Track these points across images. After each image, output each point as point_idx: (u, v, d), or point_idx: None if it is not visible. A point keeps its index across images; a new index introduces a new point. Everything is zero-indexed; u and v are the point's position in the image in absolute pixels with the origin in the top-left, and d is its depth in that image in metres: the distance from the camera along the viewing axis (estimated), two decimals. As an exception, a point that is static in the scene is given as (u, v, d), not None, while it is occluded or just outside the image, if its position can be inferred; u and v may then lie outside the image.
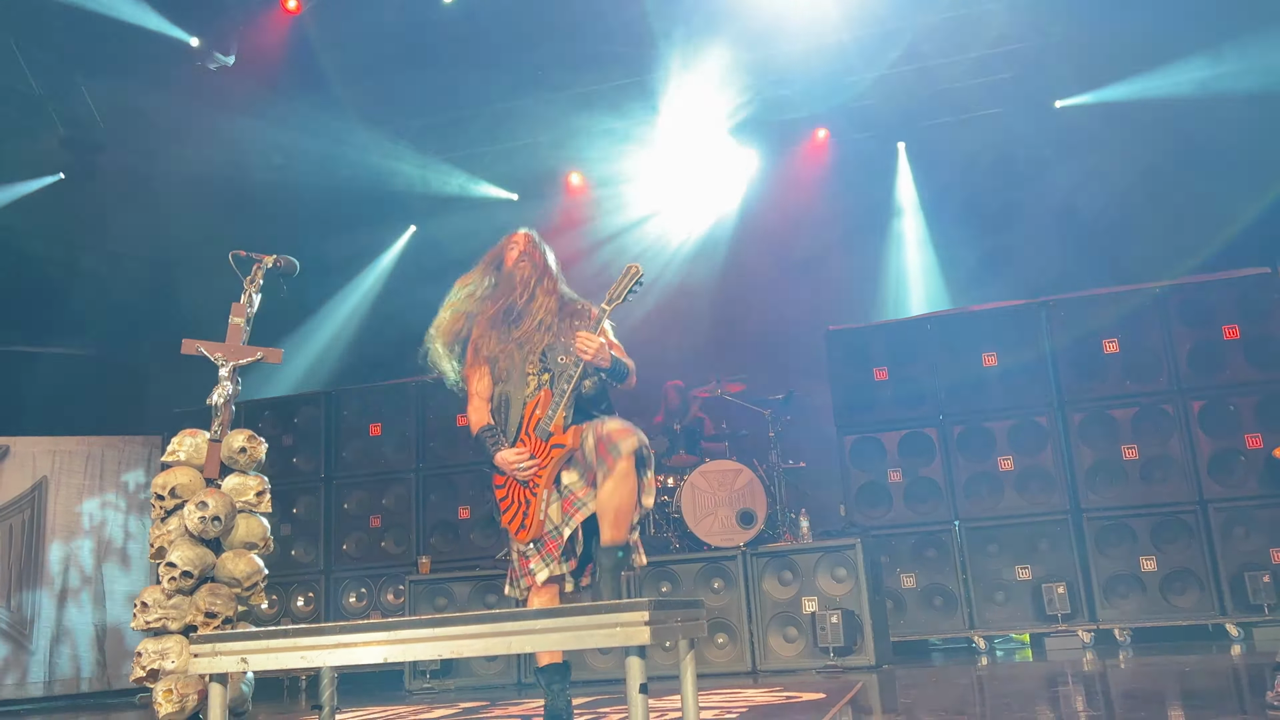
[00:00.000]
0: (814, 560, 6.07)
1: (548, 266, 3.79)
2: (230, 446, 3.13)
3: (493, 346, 3.67)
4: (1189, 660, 5.14)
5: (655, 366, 10.01)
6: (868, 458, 7.16)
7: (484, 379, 3.71)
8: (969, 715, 3.59)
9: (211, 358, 3.16)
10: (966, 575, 6.74)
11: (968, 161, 9.61)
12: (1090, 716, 3.42)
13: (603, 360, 3.53)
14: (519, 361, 3.66)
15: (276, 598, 7.68)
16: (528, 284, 3.71)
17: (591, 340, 3.50)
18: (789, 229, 10.02)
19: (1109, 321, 6.87)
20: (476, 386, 3.74)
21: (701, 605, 2.89)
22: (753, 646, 6.04)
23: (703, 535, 6.70)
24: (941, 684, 4.73)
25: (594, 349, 3.49)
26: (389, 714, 4.93)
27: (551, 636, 2.48)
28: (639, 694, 2.36)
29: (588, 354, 3.48)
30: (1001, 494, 6.83)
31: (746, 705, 4.24)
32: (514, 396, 3.65)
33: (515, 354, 3.67)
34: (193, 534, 2.99)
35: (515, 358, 3.66)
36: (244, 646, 2.70)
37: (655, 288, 10.36)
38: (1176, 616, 6.32)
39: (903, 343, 7.28)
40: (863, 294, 9.60)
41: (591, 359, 3.49)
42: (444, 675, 6.41)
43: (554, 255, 3.85)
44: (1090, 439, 6.75)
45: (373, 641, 2.59)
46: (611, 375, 3.63)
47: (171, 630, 2.94)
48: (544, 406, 3.56)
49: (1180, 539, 6.43)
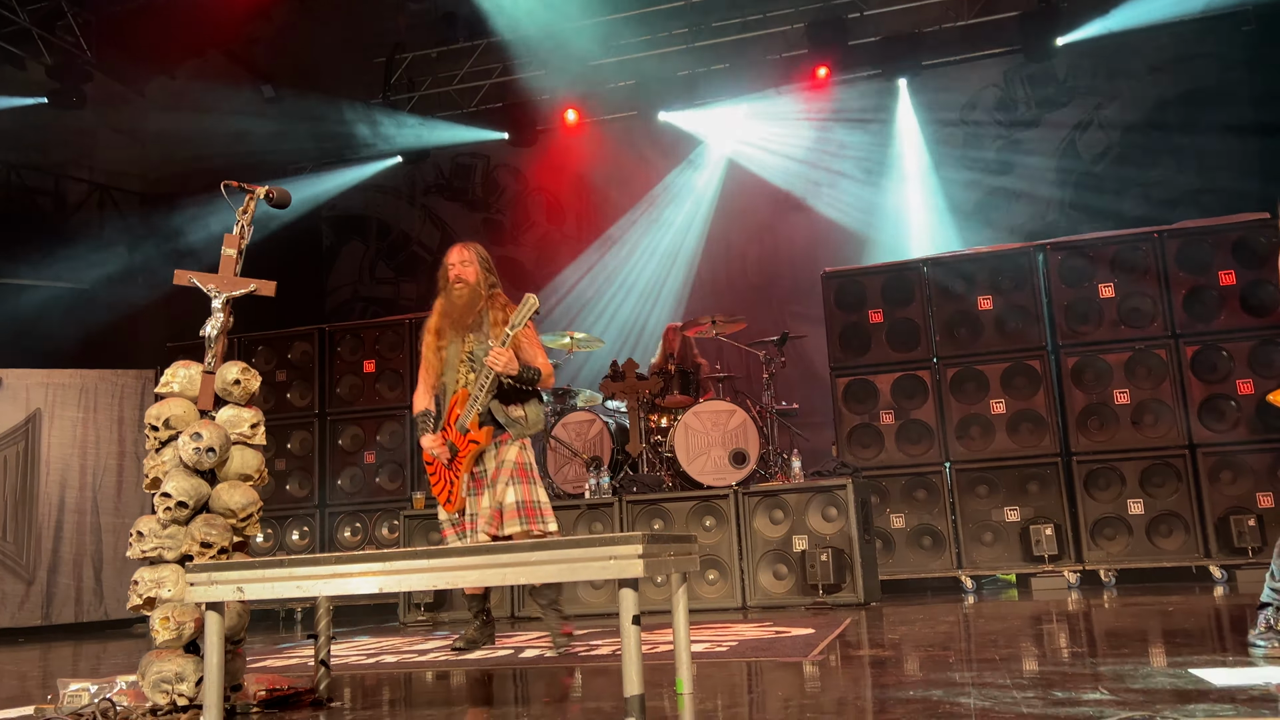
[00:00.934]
0: (805, 500, 6.13)
1: (479, 279, 4.50)
2: (224, 379, 3.12)
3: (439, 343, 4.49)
4: (1173, 600, 5.22)
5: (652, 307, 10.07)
6: (861, 399, 7.18)
7: (429, 370, 4.52)
8: (954, 651, 3.65)
9: (204, 289, 3.13)
10: (956, 516, 6.82)
11: (969, 102, 9.51)
12: (1074, 654, 3.48)
13: (510, 370, 4.26)
14: (453, 359, 4.43)
15: (272, 531, 7.75)
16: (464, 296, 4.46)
17: (500, 355, 4.22)
18: (788, 169, 9.94)
19: (1105, 266, 6.85)
20: (423, 374, 4.55)
21: (694, 540, 2.92)
22: (743, 583, 6.12)
23: (695, 474, 6.75)
24: (928, 621, 4.80)
25: (502, 363, 4.23)
26: (384, 645, 5.00)
27: (546, 568, 2.50)
28: (632, 625, 2.39)
29: (497, 366, 4.23)
30: (993, 436, 6.88)
31: (737, 639, 4.30)
32: (448, 388, 4.47)
33: (456, 351, 4.43)
34: (187, 465, 2.99)
35: (454, 355, 4.43)
36: (240, 576, 2.72)
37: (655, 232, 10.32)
38: (1161, 558, 6.41)
39: (898, 286, 7.26)
40: (860, 236, 9.56)
41: (501, 370, 4.23)
42: (437, 608, 6.49)
43: (486, 264, 4.56)
44: (1083, 383, 6.78)
45: (368, 572, 2.61)
46: (519, 381, 4.33)
47: (167, 560, 2.95)
48: (463, 404, 4.35)
49: (1168, 482, 6.50)
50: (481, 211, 10.90)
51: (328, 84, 9.97)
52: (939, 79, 9.49)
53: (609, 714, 2.58)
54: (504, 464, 4.35)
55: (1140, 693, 2.51)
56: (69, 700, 2.88)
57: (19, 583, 7.41)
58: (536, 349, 4.49)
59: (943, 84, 9.52)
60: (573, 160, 10.61)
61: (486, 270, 4.57)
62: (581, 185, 10.61)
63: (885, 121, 9.73)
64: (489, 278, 4.56)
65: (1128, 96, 9.00)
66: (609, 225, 10.46)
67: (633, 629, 2.39)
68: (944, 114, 9.55)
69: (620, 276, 10.33)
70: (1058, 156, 9.20)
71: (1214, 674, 2.71)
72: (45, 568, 7.49)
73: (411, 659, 4.35)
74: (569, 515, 6.53)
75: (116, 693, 2.87)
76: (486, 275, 4.55)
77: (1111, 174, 9.04)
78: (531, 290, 4.34)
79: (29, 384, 7.65)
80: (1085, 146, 9.18)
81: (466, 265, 4.52)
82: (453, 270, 4.53)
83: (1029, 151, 9.30)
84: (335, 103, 10.04)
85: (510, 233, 10.78)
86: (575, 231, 10.61)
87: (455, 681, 3.63)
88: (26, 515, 7.50)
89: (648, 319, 10.06)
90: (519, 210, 10.78)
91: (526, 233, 10.74)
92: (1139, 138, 8.93)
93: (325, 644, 3.21)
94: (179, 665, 2.83)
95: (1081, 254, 6.95)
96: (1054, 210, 9.19)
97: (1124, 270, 6.83)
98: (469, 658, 4.25)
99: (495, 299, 4.52)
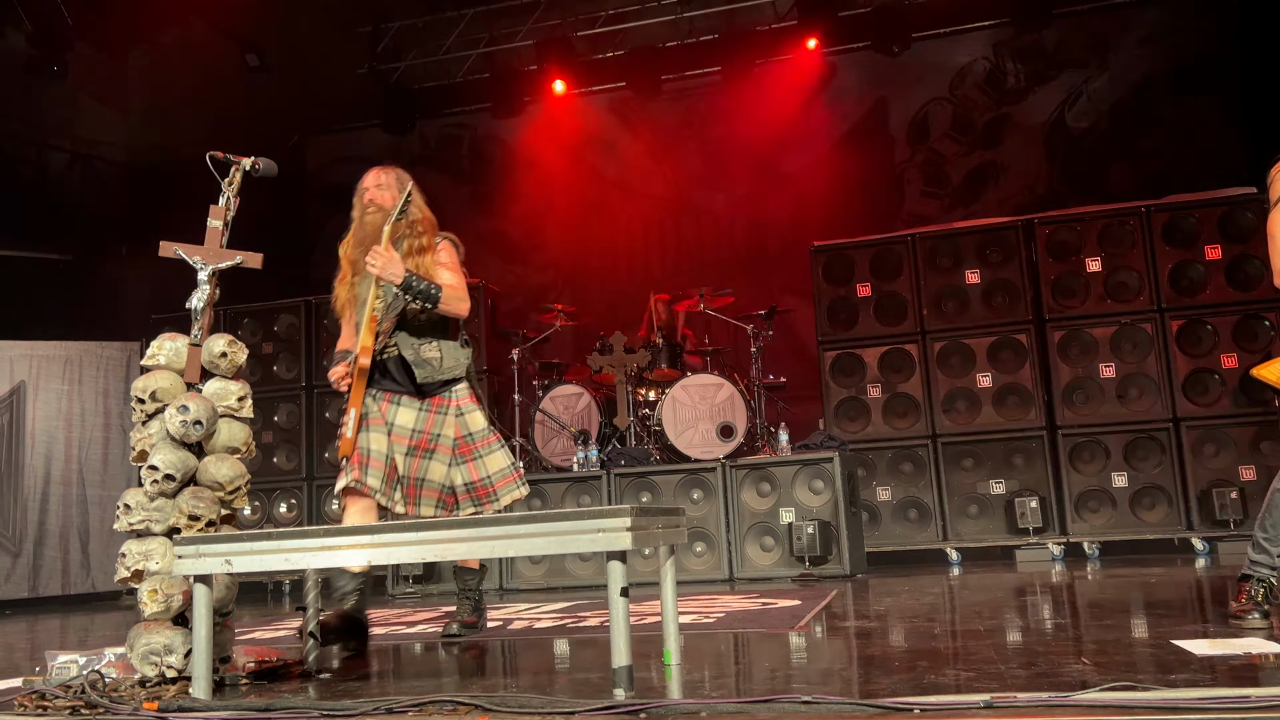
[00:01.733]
0: (792, 473, 6.16)
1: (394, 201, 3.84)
2: (211, 351, 3.10)
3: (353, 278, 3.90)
4: (1155, 572, 5.28)
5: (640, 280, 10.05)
6: (848, 373, 7.21)
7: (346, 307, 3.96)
8: (939, 622, 3.69)
9: (190, 260, 3.10)
10: (941, 489, 6.87)
11: (958, 76, 9.48)
12: (1057, 625, 3.53)
13: (393, 276, 3.61)
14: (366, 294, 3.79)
15: (259, 504, 7.75)
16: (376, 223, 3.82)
17: (378, 254, 3.59)
18: (776, 142, 9.90)
19: (1092, 240, 6.87)
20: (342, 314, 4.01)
21: (682, 512, 2.93)
22: (730, 555, 6.16)
23: (683, 447, 6.77)
24: (914, 593, 4.85)
25: (381, 263, 3.59)
26: (374, 616, 5.01)
27: (534, 541, 2.51)
28: (620, 597, 2.40)
29: (375, 269, 3.59)
30: (979, 410, 6.91)
31: (724, 610, 4.34)
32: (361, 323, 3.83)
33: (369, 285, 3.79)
34: (174, 438, 2.98)
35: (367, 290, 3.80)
36: (228, 549, 2.72)
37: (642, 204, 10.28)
38: (1144, 531, 6.48)
39: (886, 260, 7.27)
40: (848, 210, 9.54)
41: (379, 273, 3.60)
42: (426, 581, 6.51)
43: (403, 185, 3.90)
44: (1069, 356, 6.81)
45: (356, 545, 2.61)
46: (408, 292, 3.67)
47: (155, 532, 2.94)
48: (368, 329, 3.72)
49: (1152, 456, 6.56)
50: (469, 183, 10.82)
51: (313, 54, 9.85)
52: (929, 51, 9.45)
53: (597, 685, 2.60)
54: (440, 438, 3.83)
55: (1122, 663, 2.54)
56: (57, 672, 2.88)
57: (5, 555, 7.39)
58: (452, 271, 3.89)
59: (933, 56, 9.47)
60: (561, 132, 10.53)
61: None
62: (569, 157, 10.54)
63: (874, 93, 9.69)
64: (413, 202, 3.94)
65: (1117, 70, 8.98)
66: (597, 197, 10.40)
67: (621, 601, 2.40)
68: (934, 87, 9.52)
69: (608, 249, 10.29)
70: (1047, 130, 9.19)
71: (1195, 645, 2.74)
72: (32, 540, 7.47)
73: (400, 631, 4.37)
74: (557, 488, 6.55)
75: (105, 664, 2.88)
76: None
77: (1100, 148, 9.04)
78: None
79: (13, 356, 7.60)
80: (1074, 120, 9.17)
81: (383, 190, 3.94)
82: (367, 194, 3.94)
83: (1018, 125, 9.29)
84: (321, 72, 9.92)
85: (499, 205, 10.70)
86: (563, 203, 10.55)
87: (443, 654, 3.65)
88: (12, 488, 7.48)
89: (636, 291, 10.03)
90: (507, 182, 10.71)
91: (514, 205, 10.67)
92: (1128, 111, 8.92)
93: (313, 616, 3.22)
94: (167, 637, 2.83)
95: (1069, 228, 6.97)
96: (1042, 184, 9.19)
97: (1111, 244, 6.86)
98: (457, 629, 4.26)
99: (415, 225, 3.90)
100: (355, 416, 3.65)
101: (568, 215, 10.48)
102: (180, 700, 2.57)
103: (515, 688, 2.67)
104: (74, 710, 2.53)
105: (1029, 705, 1.97)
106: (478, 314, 7.85)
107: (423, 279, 3.69)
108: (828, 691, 2.24)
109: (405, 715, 2.25)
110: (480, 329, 7.84)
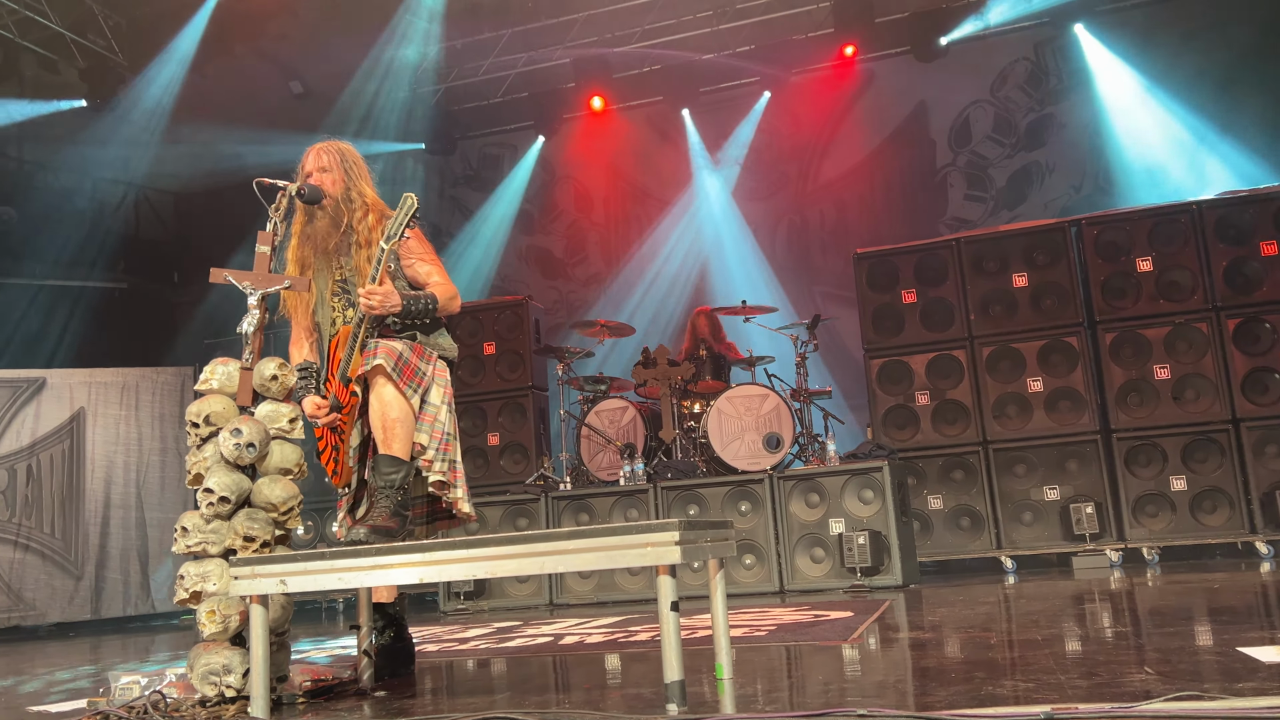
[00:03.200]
0: (841, 483, 6.10)
1: (345, 188, 3.44)
2: (262, 374, 3.15)
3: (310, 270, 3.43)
4: (1218, 577, 5.15)
5: (682, 293, 10.05)
6: (895, 380, 7.14)
7: (297, 310, 3.49)
8: (996, 633, 3.63)
9: (240, 286, 3.16)
10: (994, 496, 6.76)
11: (999, 78, 9.39)
12: (1118, 633, 3.45)
13: (392, 308, 3.23)
14: (324, 292, 3.45)
15: (312, 523, 7.84)
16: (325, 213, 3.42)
17: (374, 293, 3.17)
18: (816, 150, 9.87)
19: (1142, 239, 6.75)
20: (292, 317, 3.53)
21: (730, 525, 2.92)
22: (780, 567, 6.12)
23: (729, 459, 6.74)
24: (968, 603, 4.77)
25: (377, 302, 3.19)
26: (425, 634, 5.05)
27: (583, 557, 2.51)
28: (670, 611, 2.40)
29: (375, 310, 3.20)
30: (1030, 415, 6.81)
31: (775, 623, 4.30)
32: (323, 330, 3.50)
33: (325, 282, 3.45)
34: (228, 460, 3.03)
35: (324, 287, 3.45)
36: (282, 569, 2.76)
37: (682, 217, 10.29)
38: (1205, 535, 6.32)
39: (931, 265, 7.20)
40: (890, 215, 9.48)
41: (380, 312, 3.22)
42: (477, 597, 6.55)
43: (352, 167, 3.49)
44: (1121, 358, 6.69)
45: (409, 563, 2.63)
46: (409, 317, 3.31)
47: (211, 554, 3.00)
48: (343, 345, 3.32)
49: (1212, 458, 6.40)
50: (509, 201, 10.91)
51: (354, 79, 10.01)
52: (969, 54, 9.36)
53: (650, 700, 2.59)
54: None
55: (1186, 672, 2.48)
56: (120, 693, 2.94)
57: (69, 578, 7.56)
58: (431, 263, 3.46)
59: (973, 59, 9.39)
60: (600, 148, 10.60)
61: (353, 176, 3.48)
62: (609, 173, 10.60)
63: (914, 98, 9.62)
64: (356, 184, 3.46)
65: (1162, 65, 8.82)
66: (637, 211, 10.45)
67: (671, 615, 2.39)
68: (974, 89, 9.43)
69: (649, 262, 10.31)
70: (1091, 129, 9.06)
71: (1263, 652, 2.67)
72: (93, 563, 7.64)
73: (453, 647, 4.39)
74: (604, 502, 6.56)
75: (166, 685, 2.93)
76: (354, 182, 3.46)
77: (1147, 145, 8.88)
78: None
79: (72, 383, 7.79)
80: (1120, 118, 9.02)
81: (325, 173, 3.44)
82: (310, 180, 3.44)
83: (1062, 125, 9.17)
84: (363, 96, 10.08)
85: (539, 222, 10.79)
86: (603, 219, 10.60)
87: (496, 669, 3.66)
88: (74, 512, 7.66)
89: (678, 304, 10.04)
90: (547, 199, 10.79)
91: (555, 221, 10.75)
92: (1175, 107, 8.77)
93: (368, 635, 3.25)
94: (226, 657, 2.88)
95: (1118, 228, 6.85)
96: (1088, 184, 9.06)
97: (1162, 243, 6.73)
98: (509, 645, 4.28)
99: (369, 210, 3.43)
100: (353, 446, 3.36)
101: (608, 230, 10.54)
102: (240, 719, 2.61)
103: (568, 704, 2.67)
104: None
105: (1091, 717, 1.93)
106: (521, 330, 7.91)
107: (418, 297, 3.32)
108: (883, 705, 2.21)
109: (459, 732, 2.25)
110: (524, 345, 7.88)
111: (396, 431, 3.17)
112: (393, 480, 3.16)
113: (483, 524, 6.80)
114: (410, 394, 3.21)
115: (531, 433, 7.74)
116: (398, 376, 3.17)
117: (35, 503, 7.54)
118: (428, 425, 3.26)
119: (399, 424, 3.18)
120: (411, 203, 3.21)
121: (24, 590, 7.39)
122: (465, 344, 7.83)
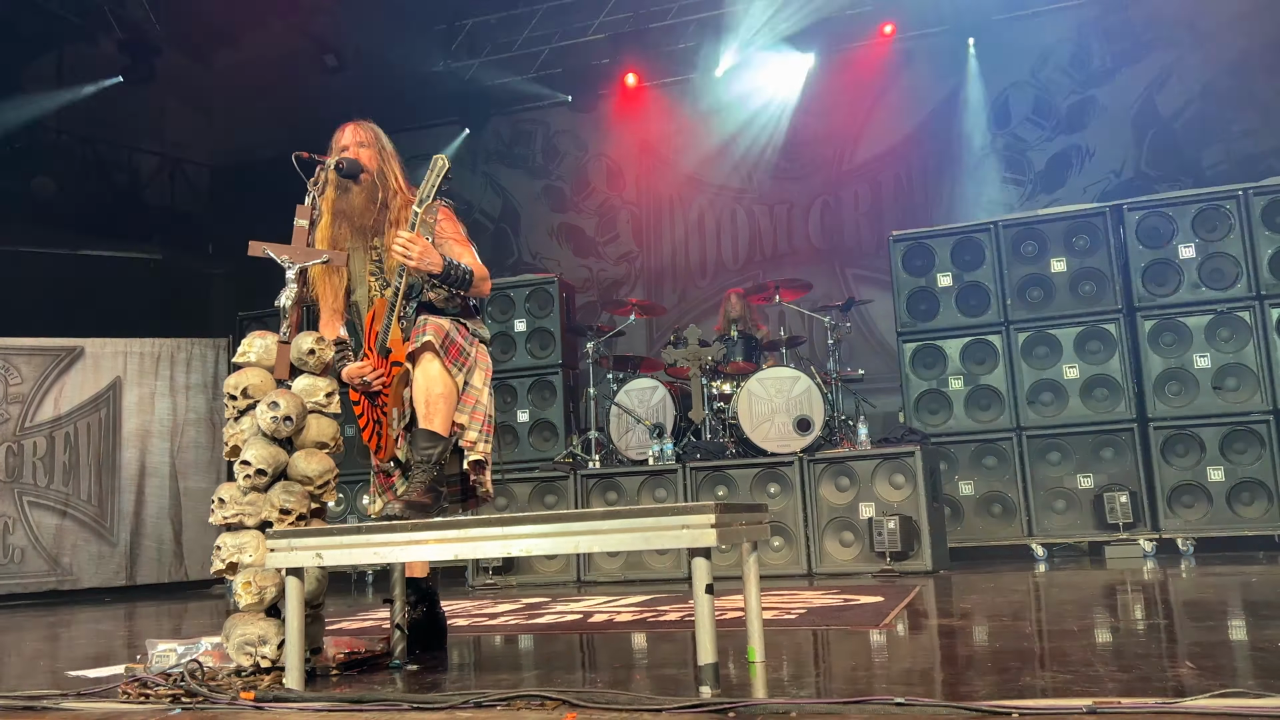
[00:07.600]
0: (872, 467, 6.07)
1: (381, 166, 3.41)
2: (299, 348, 3.16)
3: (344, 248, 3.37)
4: (1255, 570, 5.08)
5: (714, 272, 10.01)
6: (928, 365, 7.08)
7: (328, 291, 3.45)
8: (1028, 621, 3.59)
9: (278, 259, 3.16)
10: (1026, 483, 6.70)
11: (1039, 58, 9.23)
12: (1152, 626, 3.41)
13: (431, 265, 3.15)
14: (359, 271, 3.43)
15: (342, 495, 7.91)
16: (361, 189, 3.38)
17: (412, 243, 3.11)
18: (851, 130, 9.77)
19: (1185, 226, 6.62)
20: (321, 298, 3.47)
21: (765, 509, 2.90)
22: (809, 550, 6.10)
23: (759, 441, 6.72)
24: (999, 590, 4.74)
25: (417, 253, 3.12)
26: (455, 608, 5.08)
27: (619, 537, 2.50)
28: (705, 594, 2.38)
29: (411, 260, 3.13)
30: (1065, 402, 6.73)
31: (805, 606, 4.29)
32: (360, 307, 3.47)
33: (361, 261, 3.42)
34: (265, 433, 3.05)
35: (360, 267, 3.43)
36: (319, 542, 2.78)
37: (716, 196, 10.23)
38: (1242, 527, 6.23)
39: (968, 248, 7.11)
40: (926, 197, 9.37)
41: (416, 265, 3.14)
42: (506, 572, 6.58)
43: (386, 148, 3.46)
44: (1161, 346, 6.59)
45: (444, 539, 2.64)
46: (447, 282, 3.23)
47: (248, 526, 3.02)
48: (380, 317, 3.30)
49: (1251, 449, 6.30)
50: (542, 179, 10.90)
51: (390, 53, 10.01)
52: (1009, 33, 9.21)
53: (681, 681, 2.59)
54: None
55: (1226, 667, 2.44)
56: (157, 660, 2.97)
57: (105, 544, 7.68)
58: (463, 244, 3.40)
59: (1013, 38, 9.24)
60: (633, 124, 10.54)
61: (386, 156, 3.46)
62: (642, 149, 10.54)
63: (952, 78, 9.48)
64: (390, 164, 3.45)
65: (1210, 47, 8.63)
66: (669, 190, 10.39)
67: (706, 598, 2.38)
68: (1014, 70, 9.28)
69: (681, 241, 10.27)
70: (1134, 112, 8.90)
71: (1305, 648, 2.62)
72: (129, 530, 7.76)
73: (482, 622, 4.42)
74: (633, 481, 6.56)
75: (202, 653, 2.96)
76: (386, 162, 3.44)
77: (1192, 129, 8.71)
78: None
79: (108, 352, 7.88)
80: (1164, 101, 8.85)
81: (364, 148, 3.41)
82: (348, 154, 3.40)
83: (1104, 107, 9.01)
84: (397, 71, 10.08)
85: (571, 200, 10.77)
86: (635, 197, 10.56)
87: (525, 646, 3.68)
88: (110, 480, 7.77)
89: (709, 283, 10.00)
90: (579, 177, 10.76)
91: (587, 199, 10.72)
92: (1221, 90, 8.59)
93: (401, 608, 3.27)
94: (261, 628, 2.90)
95: (1160, 213, 6.73)
96: (1129, 168, 8.90)
97: (1205, 230, 6.60)
98: (538, 622, 4.30)
99: (399, 191, 3.43)
100: (398, 415, 3.34)
101: (641, 208, 10.49)
102: (275, 690, 2.63)
103: (598, 683, 2.67)
104: (174, 699, 2.61)
105: (1134, 711, 1.90)
106: (552, 308, 7.90)
107: (457, 264, 3.24)
108: (918, 693, 2.19)
109: (494, 710, 2.26)
110: (555, 323, 7.88)
111: (439, 407, 3.19)
112: (429, 455, 3.17)
113: (511, 501, 6.83)
114: (455, 372, 3.21)
115: (561, 411, 7.75)
116: (444, 354, 3.18)
117: (73, 470, 7.66)
118: (469, 406, 3.28)
119: (442, 400, 3.20)
120: (442, 164, 3.16)
121: (61, 555, 7.52)
122: (496, 320, 7.84)
